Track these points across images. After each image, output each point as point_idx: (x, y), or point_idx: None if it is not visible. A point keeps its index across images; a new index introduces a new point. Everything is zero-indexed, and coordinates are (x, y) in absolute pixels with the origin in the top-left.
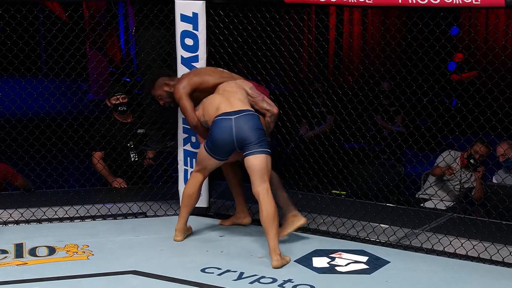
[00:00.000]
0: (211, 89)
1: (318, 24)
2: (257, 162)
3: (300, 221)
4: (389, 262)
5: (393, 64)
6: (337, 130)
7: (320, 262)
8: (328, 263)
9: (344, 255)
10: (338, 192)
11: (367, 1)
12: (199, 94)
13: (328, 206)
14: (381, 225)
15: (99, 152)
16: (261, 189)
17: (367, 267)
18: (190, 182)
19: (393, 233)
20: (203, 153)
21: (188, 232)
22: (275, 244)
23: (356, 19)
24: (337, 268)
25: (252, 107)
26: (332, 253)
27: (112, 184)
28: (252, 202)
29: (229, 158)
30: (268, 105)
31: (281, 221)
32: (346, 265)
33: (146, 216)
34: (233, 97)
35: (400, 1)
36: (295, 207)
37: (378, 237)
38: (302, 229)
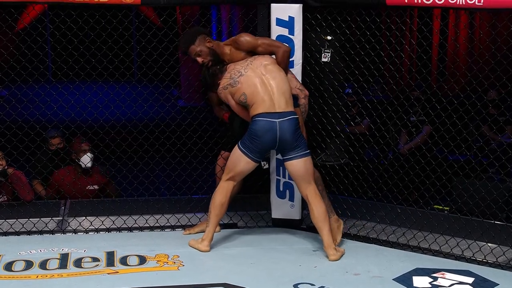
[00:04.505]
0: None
1: (421, 28)
2: (300, 167)
3: (342, 224)
4: (498, 284)
5: (504, 70)
6: (440, 141)
7: (421, 281)
8: (430, 283)
9: (448, 275)
10: (440, 207)
11: (476, 2)
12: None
13: (430, 222)
14: (488, 244)
15: None
16: (309, 191)
17: None
18: (220, 190)
19: (502, 253)
20: (238, 156)
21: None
22: (330, 240)
23: (463, 22)
24: None
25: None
26: (435, 273)
27: None
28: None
29: None
30: (301, 86)
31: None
32: (449, 286)
33: (237, 227)
34: (278, 90)
35: None
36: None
37: (485, 257)
38: (401, 245)
